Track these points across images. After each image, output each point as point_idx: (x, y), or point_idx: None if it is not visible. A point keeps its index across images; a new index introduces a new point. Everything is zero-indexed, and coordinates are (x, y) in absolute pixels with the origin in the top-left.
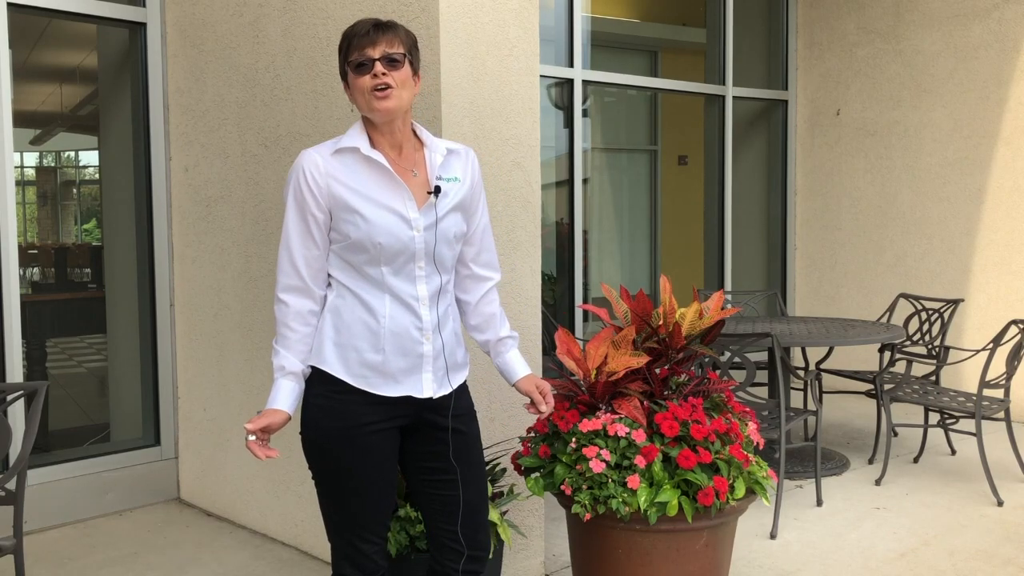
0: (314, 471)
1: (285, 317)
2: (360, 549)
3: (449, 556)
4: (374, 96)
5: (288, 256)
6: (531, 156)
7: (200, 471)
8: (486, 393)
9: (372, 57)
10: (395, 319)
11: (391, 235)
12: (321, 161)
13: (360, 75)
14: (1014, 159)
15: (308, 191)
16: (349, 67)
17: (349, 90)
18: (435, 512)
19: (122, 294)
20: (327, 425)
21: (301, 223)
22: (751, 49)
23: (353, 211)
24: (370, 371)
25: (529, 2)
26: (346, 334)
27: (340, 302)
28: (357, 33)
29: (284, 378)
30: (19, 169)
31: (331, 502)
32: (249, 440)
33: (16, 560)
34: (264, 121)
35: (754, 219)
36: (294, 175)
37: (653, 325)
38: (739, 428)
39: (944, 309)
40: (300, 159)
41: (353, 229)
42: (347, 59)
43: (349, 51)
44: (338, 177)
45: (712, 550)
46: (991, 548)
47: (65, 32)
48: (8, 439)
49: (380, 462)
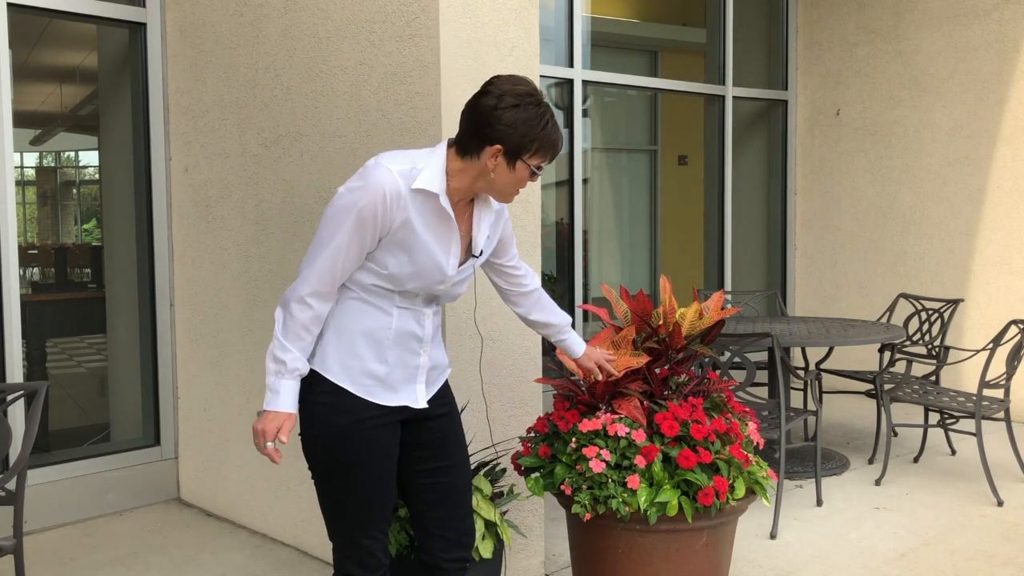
0: (317, 469)
1: (305, 319)
2: (364, 546)
3: (439, 546)
4: (514, 193)
5: (330, 264)
6: None
7: (200, 471)
8: (486, 393)
9: (543, 168)
10: (400, 331)
11: (424, 281)
12: (404, 192)
13: (525, 173)
14: (1014, 159)
15: (379, 214)
16: (526, 160)
17: (500, 160)
18: (424, 500)
19: (122, 294)
20: (331, 421)
21: (356, 238)
22: (751, 49)
23: (405, 251)
24: (372, 380)
25: (529, 2)
26: (349, 342)
27: (346, 310)
28: (557, 147)
29: (292, 379)
30: (19, 169)
31: (334, 500)
32: (268, 447)
33: (16, 560)
34: (264, 121)
35: (754, 219)
36: (370, 191)
37: (653, 325)
38: (739, 428)
39: (944, 309)
40: (382, 179)
41: (395, 264)
42: (532, 155)
43: (539, 151)
44: (410, 215)
45: (712, 550)
46: (991, 548)
47: (65, 32)
48: (8, 439)
49: (383, 455)
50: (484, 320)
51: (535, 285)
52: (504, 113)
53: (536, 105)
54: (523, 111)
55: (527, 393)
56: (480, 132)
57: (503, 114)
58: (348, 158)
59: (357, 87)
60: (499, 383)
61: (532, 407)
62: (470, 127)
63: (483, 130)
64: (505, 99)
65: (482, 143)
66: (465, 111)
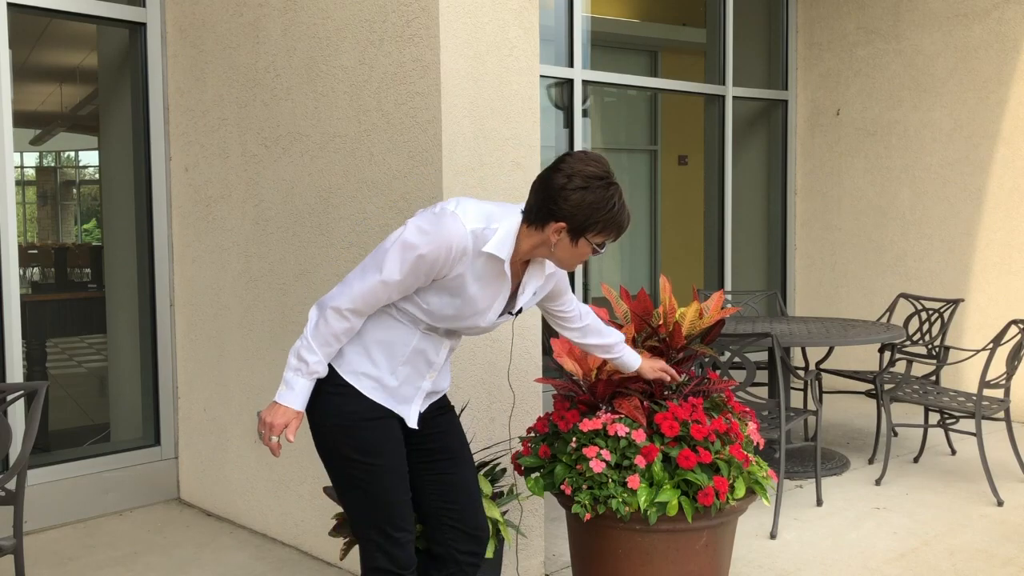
0: (335, 463)
1: (338, 330)
2: (395, 538)
3: (451, 536)
4: (575, 265)
5: (377, 291)
6: (531, 156)
7: (200, 471)
8: (486, 393)
9: (606, 246)
10: (416, 351)
11: (458, 325)
12: (471, 251)
13: (588, 249)
14: (1014, 159)
15: (440, 264)
16: (589, 238)
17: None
18: (434, 494)
19: (122, 294)
20: (348, 409)
21: (410, 276)
22: (751, 49)
23: (452, 296)
24: (379, 385)
25: (529, 2)
26: (367, 347)
27: (374, 317)
28: (623, 228)
29: (309, 380)
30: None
31: (358, 492)
32: (273, 441)
33: (16, 560)
34: (264, 121)
35: (754, 219)
36: (439, 241)
37: (653, 325)
38: (739, 428)
39: (944, 309)
40: (454, 233)
41: (437, 304)
42: (597, 232)
43: (604, 230)
44: (471, 271)
45: (712, 550)
46: (991, 548)
47: (65, 32)
48: (8, 439)
49: (394, 442)
50: None
51: (587, 321)
52: (572, 194)
53: (605, 188)
54: (590, 193)
55: (527, 393)
56: (547, 207)
57: (570, 194)
58: (348, 158)
59: (357, 87)
60: (499, 383)
61: (532, 407)
62: (538, 200)
63: (550, 206)
64: (574, 180)
65: (547, 218)
66: (536, 183)
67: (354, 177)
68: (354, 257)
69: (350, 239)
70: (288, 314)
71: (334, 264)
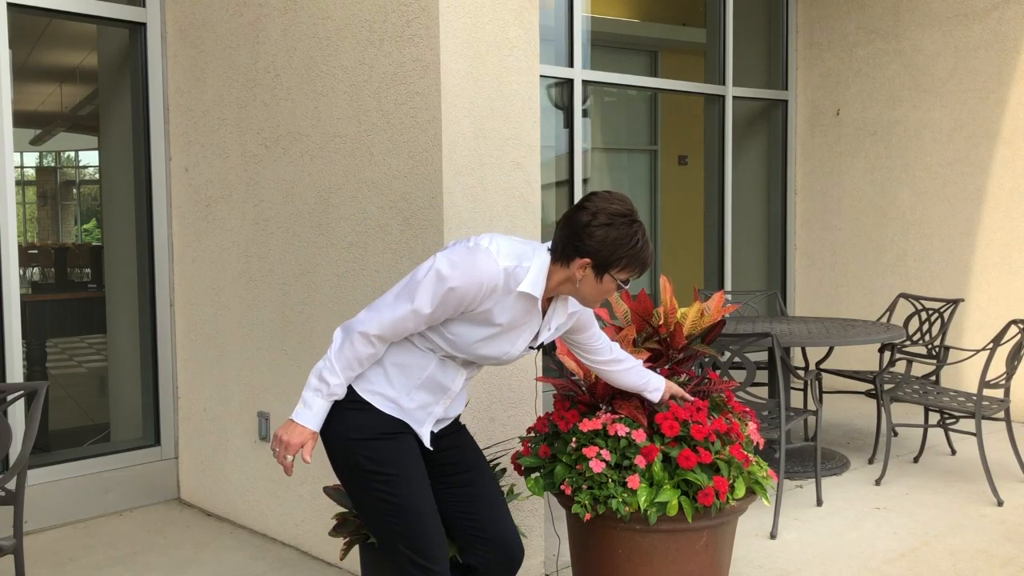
0: (355, 480)
1: (363, 355)
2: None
3: (481, 548)
4: (598, 302)
5: (405, 321)
6: (531, 156)
7: (200, 471)
8: (486, 393)
9: (629, 282)
10: (432, 377)
11: (481, 356)
12: (501, 288)
13: (612, 286)
14: (1014, 159)
15: (471, 299)
16: (613, 274)
17: (588, 272)
18: (457, 508)
19: (122, 294)
20: (364, 423)
21: (440, 309)
22: (751, 49)
23: (480, 328)
24: (395, 405)
25: (529, 2)
26: (385, 368)
27: (393, 343)
28: (646, 265)
29: (330, 401)
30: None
31: (384, 508)
32: (288, 460)
33: (16, 560)
34: (264, 121)
35: (754, 219)
36: (471, 276)
37: (654, 325)
38: (739, 428)
39: (944, 309)
40: (487, 270)
41: (463, 334)
42: (621, 268)
43: (628, 266)
44: (501, 307)
45: (712, 550)
46: (991, 548)
47: (65, 32)
48: (8, 439)
49: (413, 456)
50: None
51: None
52: (596, 230)
53: (628, 225)
54: (614, 230)
55: (527, 393)
56: (572, 244)
57: (595, 231)
58: (348, 158)
59: (357, 87)
60: (499, 383)
61: (532, 407)
62: (564, 237)
63: (575, 243)
64: (599, 217)
65: (573, 255)
66: (562, 221)
67: (354, 177)
68: (354, 257)
69: (350, 239)
70: (288, 314)
71: (334, 264)
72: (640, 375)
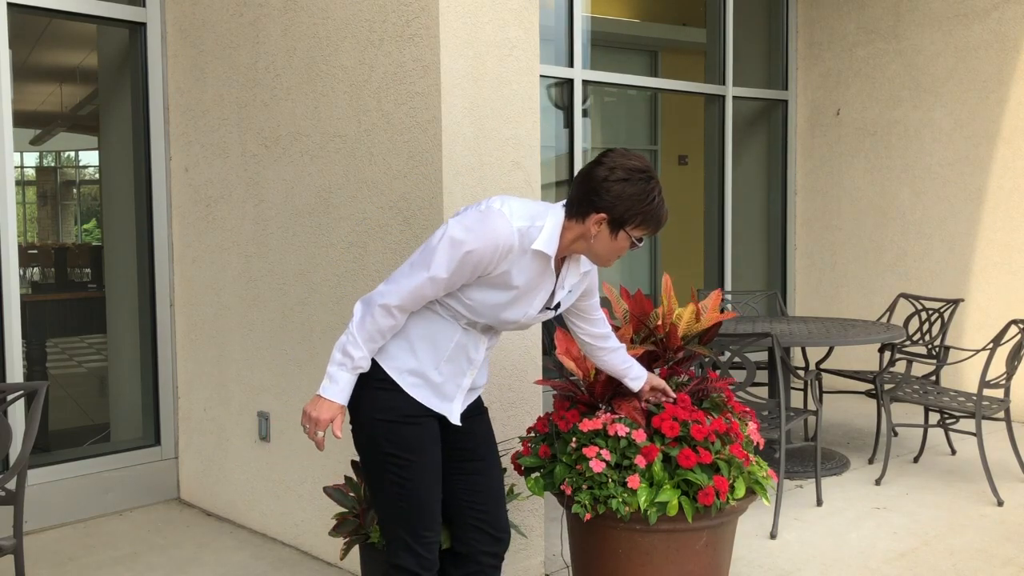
0: (373, 459)
1: (384, 327)
2: (424, 537)
3: (476, 538)
4: (612, 260)
5: (424, 288)
6: (531, 156)
7: (200, 471)
8: (486, 393)
9: (643, 240)
10: (459, 348)
11: (499, 319)
12: (517, 248)
13: (627, 243)
14: (1014, 159)
15: (486, 261)
16: (628, 231)
17: (603, 228)
18: (464, 495)
19: (122, 294)
20: (391, 404)
21: (456, 274)
22: (751, 49)
23: (496, 292)
24: (421, 381)
25: (529, 2)
26: (412, 342)
27: (418, 314)
28: (660, 221)
29: (355, 374)
30: (19, 169)
31: (392, 490)
32: (319, 436)
33: (16, 560)
34: (264, 121)
35: (754, 219)
36: (485, 238)
37: (650, 325)
38: (739, 428)
39: (944, 309)
40: (501, 231)
41: (480, 299)
42: (635, 226)
43: (643, 223)
44: (517, 267)
45: (712, 550)
46: (991, 548)
47: (65, 32)
48: (8, 439)
49: (431, 444)
50: None
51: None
52: (613, 185)
53: (645, 181)
54: (631, 185)
55: (527, 393)
56: (588, 199)
57: (612, 186)
58: (348, 158)
59: (357, 87)
60: (499, 383)
61: (532, 407)
62: (580, 192)
63: (591, 197)
64: (616, 172)
65: (589, 210)
66: (578, 177)
67: (354, 177)
68: (354, 257)
69: (350, 239)
70: (288, 314)
71: (334, 264)
72: (623, 359)
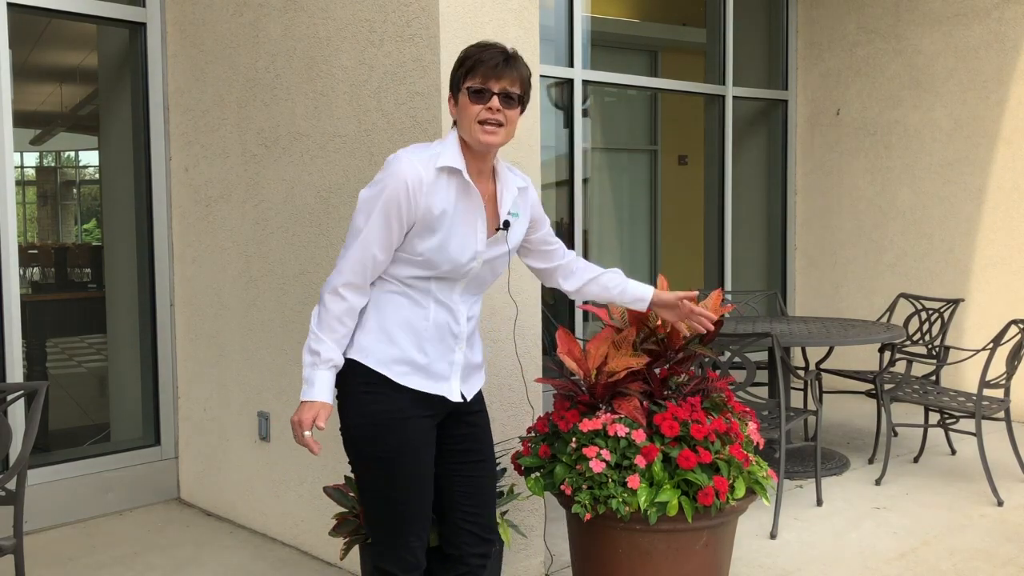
0: (358, 462)
1: (339, 311)
2: (407, 543)
3: (467, 540)
4: (481, 128)
5: (360, 256)
6: (531, 156)
7: (200, 471)
8: (486, 393)
9: (492, 90)
10: (438, 325)
11: (456, 263)
12: (425, 177)
13: (475, 103)
14: (1014, 159)
15: (406, 202)
16: (466, 90)
17: (455, 107)
18: (458, 496)
19: (122, 294)
20: (374, 409)
21: (385, 228)
22: (751, 49)
23: (435, 232)
24: (411, 368)
25: (529, 2)
26: (389, 330)
27: (386, 300)
28: (485, 62)
29: (328, 370)
30: (19, 169)
31: (375, 495)
32: (307, 436)
33: (16, 560)
34: (264, 121)
35: (754, 219)
36: (393, 181)
37: (651, 325)
38: (739, 428)
39: (944, 309)
40: (402, 167)
41: (427, 249)
42: (465, 80)
43: (471, 74)
44: (435, 197)
45: (712, 550)
46: (991, 548)
47: (65, 32)
48: (8, 439)
49: (420, 449)
50: (484, 320)
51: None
52: (453, 70)
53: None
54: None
55: (527, 393)
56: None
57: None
58: (348, 158)
59: (357, 87)
60: (499, 383)
61: (532, 407)
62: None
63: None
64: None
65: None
66: None
67: (354, 177)
68: None
69: None
70: (288, 314)
71: (334, 264)
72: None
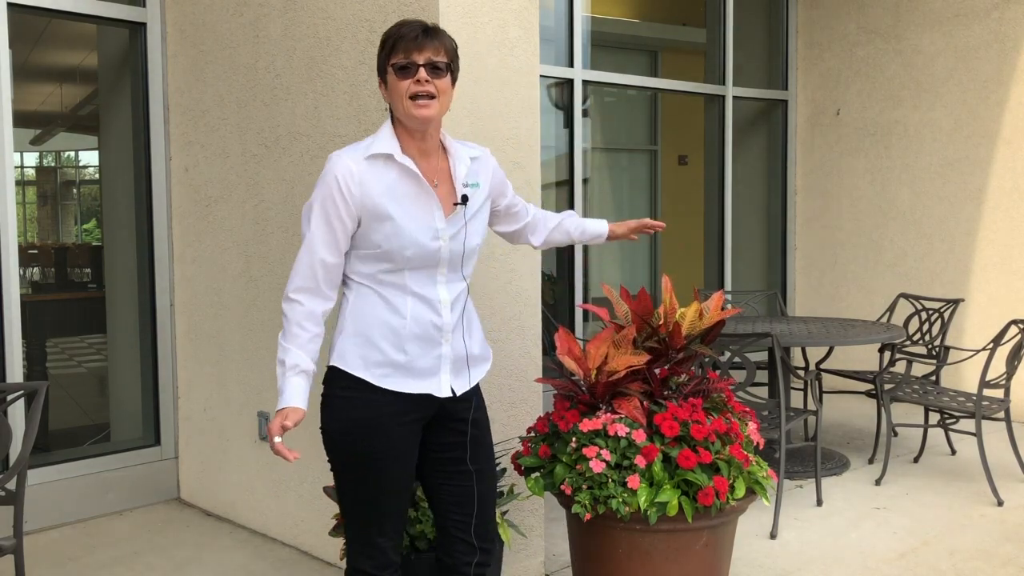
0: (336, 464)
1: (297, 316)
2: (377, 543)
3: (460, 549)
4: (414, 103)
5: (308, 260)
6: (531, 156)
7: (200, 471)
8: (486, 394)
9: (417, 63)
10: (418, 320)
11: (419, 245)
12: (355, 168)
13: (402, 79)
14: (1014, 159)
15: (340, 198)
16: (391, 68)
17: (386, 90)
18: (447, 505)
19: (122, 294)
20: (352, 415)
21: (327, 229)
22: (751, 49)
23: (385, 220)
24: (392, 369)
25: (529, 2)
26: (367, 333)
27: (361, 302)
28: (405, 36)
29: (297, 376)
30: (19, 169)
31: (350, 495)
32: (277, 443)
33: (16, 560)
34: (264, 121)
35: (754, 219)
36: (325, 181)
37: (653, 325)
38: (739, 428)
39: (944, 309)
40: (332, 165)
41: (383, 239)
42: (389, 59)
43: (394, 52)
44: (371, 185)
45: (712, 550)
46: (991, 548)
47: (65, 32)
48: (8, 439)
49: (401, 454)
50: (484, 320)
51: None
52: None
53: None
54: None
55: (527, 393)
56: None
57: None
58: None
59: (357, 87)
60: (500, 383)
61: (532, 407)
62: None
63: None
64: None
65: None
66: None
67: None
68: None
69: None
70: None
71: None
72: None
